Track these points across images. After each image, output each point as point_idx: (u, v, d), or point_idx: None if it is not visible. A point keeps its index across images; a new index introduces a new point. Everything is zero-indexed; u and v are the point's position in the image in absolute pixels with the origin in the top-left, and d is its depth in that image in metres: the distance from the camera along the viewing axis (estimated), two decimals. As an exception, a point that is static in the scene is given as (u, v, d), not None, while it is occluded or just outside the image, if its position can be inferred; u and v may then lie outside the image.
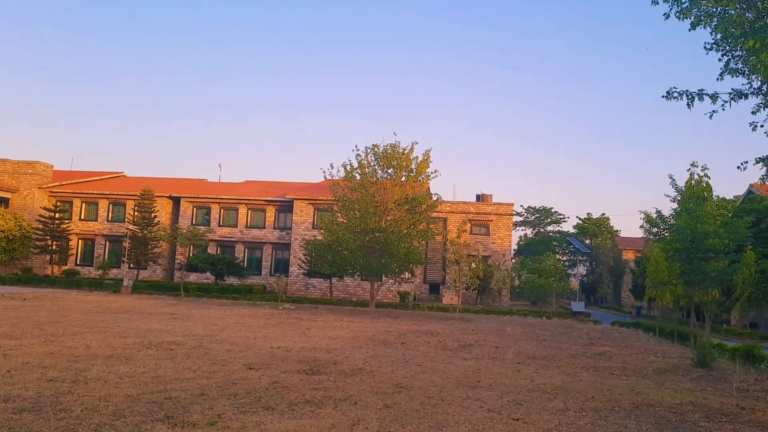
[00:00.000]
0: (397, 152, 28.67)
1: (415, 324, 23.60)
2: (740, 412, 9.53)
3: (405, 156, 28.67)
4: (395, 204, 28.57)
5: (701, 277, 17.53)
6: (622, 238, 68.98)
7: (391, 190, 28.58)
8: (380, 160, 28.85)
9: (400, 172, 28.81)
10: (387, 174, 29.07)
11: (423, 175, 29.14)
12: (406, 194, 28.72)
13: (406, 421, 7.68)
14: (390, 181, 28.88)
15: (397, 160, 28.59)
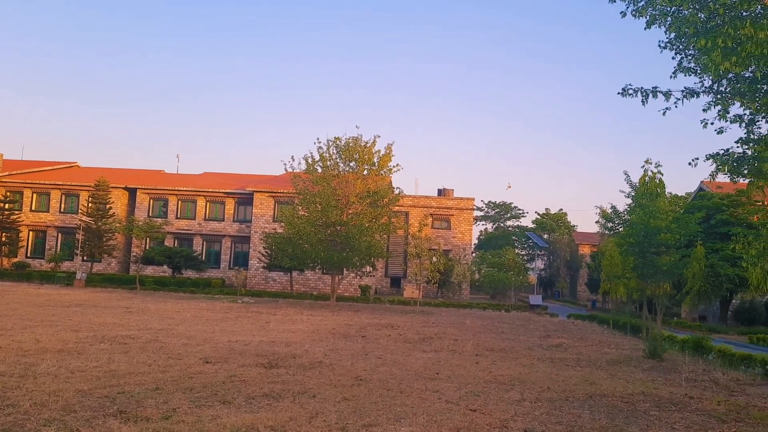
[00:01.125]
0: (359, 145, 28.57)
1: (376, 317, 23.64)
2: (689, 401, 9.85)
3: (367, 149, 28.59)
4: (357, 197, 28.49)
5: (653, 270, 18.06)
6: (578, 233, 70.54)
7: (353, 184, 28.48)
8: (342, 153, 28.70)
9: (362, 165, 28.74)
10: (349, 167, 28.95)
11: (385, 168, 29.12)
12: (368, 188, 28.67)
13: (365, 413, 7.68)
14: (352, 174, 28.77)
15: (359, 153, 28.50)
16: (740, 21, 6.16)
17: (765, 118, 7.71)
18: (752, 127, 7.89)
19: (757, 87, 7.31)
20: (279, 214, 38.64)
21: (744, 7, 6.53)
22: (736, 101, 7.42)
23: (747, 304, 32.44)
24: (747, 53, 6.14)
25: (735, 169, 7.81)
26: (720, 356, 15.00)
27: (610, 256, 23.26)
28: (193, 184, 45.67)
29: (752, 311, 32.05)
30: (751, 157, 7.73)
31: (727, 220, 30.32)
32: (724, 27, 6.26)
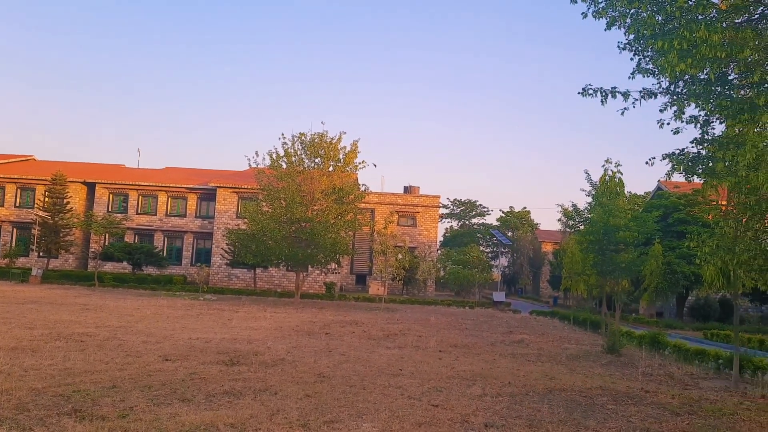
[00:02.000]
0: (324, 141, 28.40)
1: (341, 314, 23.60)
2: (645, 395, 10.10)
3: (333, 146, 28.44)
4: (322, 194, 28.33)
5: (612, 268, 18.44)
6: (541, 231, 71.71)
7: (318, 180, 28.31)
8: (307, 149, 28.48)
9: (327, 161, 28.58)
10: (314, 163, 28.76)
11: (351, 165, 29.02)
12: (334, 184, 28.53)
13: (327, 409, 7.65)
14: (317, 170, 28.58)
15: (324, 149, 28.33)
16: (695, 24, 6.33)
17: (719, 119, 7.94)
18: (707, 128, 8.13)
19: (712, 89, 7.52)
20: (242, 210, 38.13)
21: (699, 10, 6.71)
22: (692, 102, 7.61)
23: (702, 301, 33.44)
24: (701, 55, 6.31)
25: (690, 169, 8.02)
26: (675, 351, 15.42)
27: (571, 254, 23.70)
28: (154, 179, 44.75)
29: (707, 308, 33.04)
30: (706, 157, 7.96)
31: (684, 219, 31.21)
32: (680, 30, 6.42)
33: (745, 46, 6.28)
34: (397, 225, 45.50)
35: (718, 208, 9.36)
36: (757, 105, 6.74)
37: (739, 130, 7.26)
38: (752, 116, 6.89)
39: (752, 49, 6.34)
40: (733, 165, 6.99)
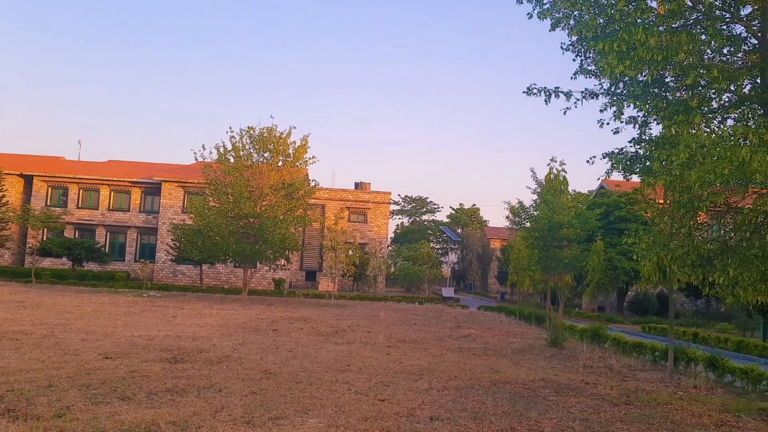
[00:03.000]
0: (273, 136, 28.04)
1: (289, 311, 23.41)
2: (585, 386, 10.42)
3: (282, 140, 28.13)
4: (271, 189, 27.99)
5: (556, 263, 18.94)
6: (490, 227, 72.93)
7: (267, 175, 27.96)
8: (256, 143, 28.07)
9: (276, 156, 28.24)
10: (263, 158, 28.37)
11: (300, 160, 28.77)
12: (283, 179, 28.23)
13: (272, 406, 7.58)
14: (266, 165, 28.22)
15: (273, 144, 27.97)
16: (634, 27, 6.55)
17: (656, 120, 8.24)
18: (645, 128, 8.44)
19: (649, 90, 7.80)
20: (189, 205, 37.26)
21: (638, 14, 6.95)
22: (630, 103, 7.88)
23: (641, 296, 34.73)
24: (639, 58, 6.54)
25: (628, 168, 8.31)
26: (615, 344, 15.97)
27: (517, 250, 24.22)
28: (96, 172, 43.24)
29: (645, 302, 34.35)
30: (643, 156, 8.25)
31: (625, 217, 32.31)
32: (620, 32, 6.64)
33: (679, 49, 6.54)
34: (348, 221, 45.44)
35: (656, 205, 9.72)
36: (690, 107, 7.04)
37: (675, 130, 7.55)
38: (686, 117, 7.19)
39: (686, 52, 6.61)
40: (668, 164, 7.28)
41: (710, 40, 7.47)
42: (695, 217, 7.94)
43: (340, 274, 32.84)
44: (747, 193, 7.47)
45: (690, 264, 8.27)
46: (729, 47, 7.67)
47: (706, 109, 7.53)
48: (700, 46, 7.28)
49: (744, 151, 5.94)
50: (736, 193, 7.44)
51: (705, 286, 8.69)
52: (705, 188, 6.77)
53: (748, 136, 6.63)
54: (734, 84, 7.28)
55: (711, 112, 7.74)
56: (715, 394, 10.30)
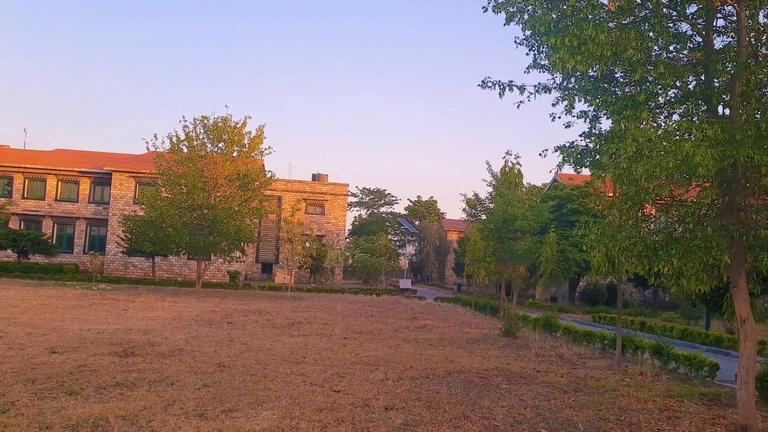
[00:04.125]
0: (228, 126, 27.51)
1: (244, 303, 23.16)
2: (536, 374, 10.67)
3: (237, 130, 27.62)
4: (226, 180, 27.52)
5: (510, 255, 19.24)
6: (447, 220, 73.69)
7: (222, 165, 27.46)
8: (210, 133, 27.49)
9: (231, 146, 27.74)
10: (218, 148, 27.82)
11: (256, 151, 28.34)
12: (238, 170, 27.77)
13: (226, 399, 7.50)
14: (220, 155, 27.69)
15: (228, 134, 27.46)
16: (585, 23, 6.67)
17: (605, 114, 8.42)
18: (595, 122, 8.60)
19: (600, 85, 7.96)
20: (140, 195, 36.30)
21: (589, 10, 7.08)
22: (581, 98, 8.03)
23: (592, 286, 35.69)
24: (590, 53, 6.67)
25: (579, 161, 8.46)
26: (566, 333, 16.40)
27: (473, 242, 24.51)
28: (42, 161, 41.69)
29: (596, 292, 35.33)
30: (593, 150, 8.42)
31: (577, 209, 33.10)
32: (572, 28, 6.75)
33: (628, 46, 6.70)
34: (305, 213, 45.18)
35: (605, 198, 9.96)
36: (638, 102, 7.22)
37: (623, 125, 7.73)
38: (634, 112, 7.36)
39: (634, 49, 6.77)
40: (616, 158, 7.46)
41: (657, 38, 7.65)
42: (642, 210, 8.16)
43: (297, 266, 32.64)
44: (690, 186, 7.73)
45: (637, 255, 8.51)
46: (675, 44, 7.88)
47: (653, 104, 7.71)
48: (648, 43, 7.46)
49: (687, 145, 6.13)
50: (681, 186, 7.69)
51: (651, 276, 8.95)
52: (651, 181, 6.96)
53: (692, 131, 6.86)
54: (680, 80, 7.48)
55: (658, 107, 7.94)
56: (660, 381, 10.70)
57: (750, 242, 7.59)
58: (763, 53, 7.85)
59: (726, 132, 6.58)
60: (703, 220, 7.88)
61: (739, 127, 6.63)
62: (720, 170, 7.33)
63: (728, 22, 7.98)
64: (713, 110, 7.67)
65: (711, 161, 6.20)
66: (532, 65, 8.30)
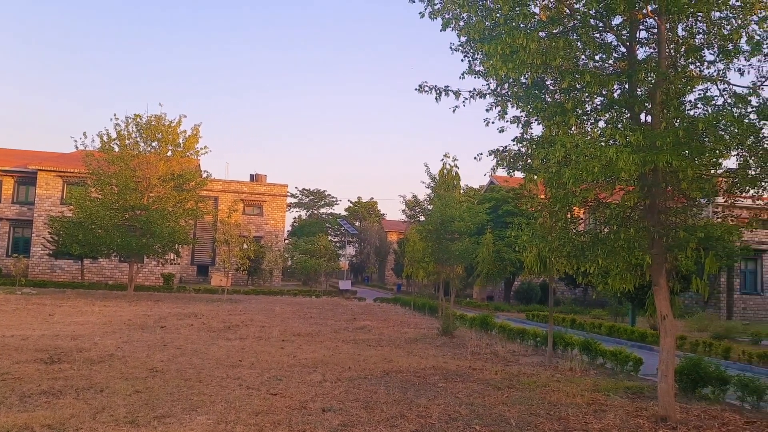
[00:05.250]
0: (162, 124, 26.74)
1: (179, 307, 22.59)
2: (472, 372, 10.92)
3: (172, 129, 26.88)
4: (160, 180, 26.73)
5: (448, 255, 19.62)
6: (388, 221, 74.14)
7: (155, 165, 26.65)
8: (143, 132, 26.64)
9: (165, 146, 26.97)
10: (151, 147, 26.99)
11: (191, 150, 27.67)
12: (173, 170, 27.03)
13: (158, 404, 7.33)
14: (154, 155, 26.88)
15: (162, 132, 26.69)
16: (516, 32, 6.91)
17: (537, 120, 8.73)
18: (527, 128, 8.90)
19: (531, 92, 8.25)
20: (68, 196, 34.73)
21: (521, 19, 7.33)
22: (513, 104, 8.30)
23: (526, 285, 36.73)
24: (521, 61, 6.91)
25: (512, 165, 8.75)
26: (501, 331, 16.82)
27: (412, 242, 24.82)
28: (-40, 159, 39.30)
29: (530, 291, 36.38)
30: (525, 154, 8.72)
31: (512, 211, 33.97)
32: (504, 36, 6.97)
33: (557, 55, 6.99)
34: (243, 214, 44.45)
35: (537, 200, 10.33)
36: (566, 109, 7.54)
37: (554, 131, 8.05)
38: (563, 119, 7.69)
39: (562, 58, 7.07)
40: (546, 162, 7.77)
41: (585, 47, 8.01)
42: (570, 212, 8.52)
43: (234, 268, 32.06)
44: (615, 189, 8.14)
45: (566, 255, 8.88)
46: (601, 54, 8.28)
47: (580, 111, 8.06)
48: (576, 52, 7.80)
49: (611, 151, 6.46)
50: (606, 190, 8.09)
51: (579, 275, 9.36)
52: (578, 185, 7.28)
53: (616, 137, 7.21)
54: (605, 89, 7.86)
55: (585, 114, 8.31)
56: (588, 376, 11.14)
57: (669, 243, 8.05)
58: (681, 64, 8.33)
59: (647, 138, 6.96)
60: (627, 222, 8.30)
61: (659, 134, 7.02)
62: (642, 175, 7.75)
63: (650, 34, 8.43)
64: (636, 118, 8.10)
65: (633, 166, 6.55)
66: (468, 71, 8.51)
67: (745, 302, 31.06)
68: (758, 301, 31.26)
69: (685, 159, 7.05)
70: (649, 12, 7.83)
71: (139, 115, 26.89)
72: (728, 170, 8.09)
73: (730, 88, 7.88)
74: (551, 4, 7.78)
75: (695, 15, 7.93)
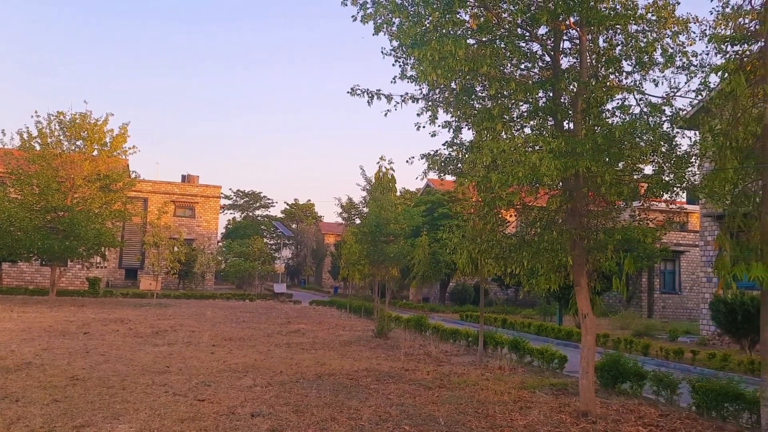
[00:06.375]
0: (87, 123, 25.66)
1: (105, 312, 21.73)
2: (405, 373, 11.03)
3: (98, 128, 25.86)
4: (84, 180, 25.63)
5: (383, 257, 19.73)
6: (325, 223, 73.73)
7: (80, 165, 25.53)
8: (67, 130, 25.50)
9: (90, 145, 25.90)
10: (75, 146, 25.86)
11: (119, 150, 26.71)
12: (99, 170, 25.98)
13: (77, 414, 7.04)
14: (78, 154, 25.76)
15: (87, 131, 25.62)
16: (445, 38, 7.05)
17: (467, 125, 8.93)
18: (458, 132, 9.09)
19: (461, 98, 8.43)
20: (-17, 196, 32.81)
21: (450, 26, 7.48)
22: (444, 109, 8.46)
23: (460, 286, 37.41)
24: (450, 67, 7.06)
25: (443, 168, 8.93)
26: (435, 332, 17.07)
27: (349, 245, 24.83)
28: None
29: (464, 292, 37.07)
30: (456, 158, 8.91)
31: (447, 214, 34.54)
32: (434, 42, 7.10)
33: (483, 62, 7.18)
34: (174, 216, 43.26)
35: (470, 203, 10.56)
36: (494, 115, 7.75)
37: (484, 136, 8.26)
38: (491, 124, 7.90)
39: (489, 65, 7.26)
40: (475, 166, 7.97)
41: (512, 56, 8.28)
42: (498, 215, 8.77)
43: (164, 271, 31.11)
44: (539, 193, 8.43)
45: (494, 256, 9.14)
46: (526, 63, 8.58)
47: (507, 117, 8.30)
48: (503, 60, 8.04)
49: (534, 157, 6.70)
50: (531, 194, 8.37)
51: (507, 276, 9.63)
52: (504, 189, 7.51)
53: (540, 144, 7.47)
54: (530, 96, 8.14)
55: (512, 120, 8.56)
56: (516, 374, 11.47)
57: (590, 245, 8.42)
58: (602, 74, 8.73)
59: (569, 145, 7.26)
60: (551, 225, 8.62)
61: (579, 141, 7.33)
62: (564, 179, 8.07)
63: (573, 45, 8.78)
64: (559, 125, 8.42)
65: (555, 171, 6.81)
66: (400, 76, 8.61)
67: (665, 301, 32.72)
68: (676, 300, 33.01)
69: (603, 164, 7.40)
70: (571, 23, 8.15)
71: (62, 113, 25.74)
72: (644, 176, 8.53)
73: (646, 98, 8.32)
74: (480, 13, 7.97)
75: (614, 27, 8.33)
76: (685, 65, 8.23)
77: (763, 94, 6.91)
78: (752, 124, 6.83)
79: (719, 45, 7.69)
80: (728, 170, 7.04)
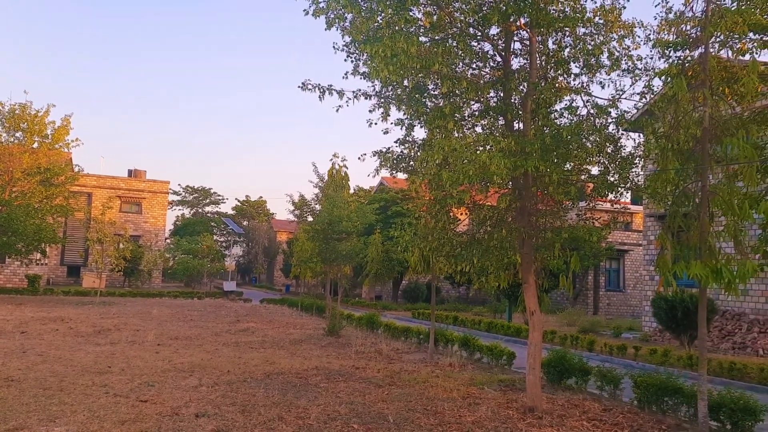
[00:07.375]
0: (27, 114, 24.62)
1: (44, 310, 20.89)
2: (355, 371, 10.97)
3: (39, 119, 24.83)
4: (24, 173, 24.58)
5: (335, 255, 19.63)
6: (277, 220, 72.91)
7: (19, 158, 24.46)
8: (5, 121, 24.41)
9: (31, 137, 24.86)
10: (14, 138, 24.79)
11: (61, 142, 25.72)
12: (39, 163, 24.96)
13: (11, 416, 6.71)
14: (17, 146, 24.69)
15: (27, 122, 24.57)
16: (397, 35, 7.02)
17: (420, 123, 8.93)
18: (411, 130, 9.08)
19: (413, 95, 8.42)
20: None
21: (402, 23, 7.45)
22: (395, 106, 8.44)
23: (413, 284, 37.62)
24: (401, 64, 7.03)
25: (395, 166, 8.91)
26: (387, 330, 17.09)
27: (300, 243, 24.61)
28: None
29: (417, 290, 37.29)
30: (408, 156, 8.91)
31: (401, 212, 34.65)
32: (385, 39, 7.06)
33: (435, 60, 7.18)
34: (120, 211, 42.03)
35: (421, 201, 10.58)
36: (445, 113, 7.78)
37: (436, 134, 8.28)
38: (443, 123, 7.92)
39: (440, 63, 7.27)
40: (426, 164, 7.98)
41: (464, 55, 8.32)
42: (449, 213, 8.81)
43: (109, 269, 30.15)
44: (489, 192, 8.51)
45: (445, 254, 9.19)
46: (478, 62, 8.65)
47: (459, 116, 8.35)
48: (455, 59, 8.08)
49: (484, 156, 6.75)
50: (481, 192, 8.44)
51: (457, 274, 9.70)
52: (455, 187, 7.54)
53: (490, 142, 7.54)
54: (482, 95, 8.21)
55: (464, 119, 8.62)
56: (466, 370, 11.57)
57: (538, 243, 8.56)
58: (551, 75, 8.87)
59: (518, 144, 7.35)
60: (501, 224, 8.72)
61: (528, 141, 7.43)
62: (514, 178, 8.17)
63: (523, 46, 8.90)
64: (510, 124, 8.52)
65: (504, 170, 6.88)
66: (353, 72, 8.54)
67: (609, 298, 33.73)
68: (621, 298, 34.07)
69: (551, 164, 7.52)
70: (522, 24, 8.26)
71: (1, 103, 24.62)
72: (590, 176, 8.73)
73: (593, 100, 8.51)
74: (433, 11, 7.98)
75: (563, 30, 8.47)
76: (630, 69, 8.45)
77: (703, 98, 7.15)
78: (693, 127, 7.06)
79: (663, 50, 7.93)
80: (670, 171, 7.26)
